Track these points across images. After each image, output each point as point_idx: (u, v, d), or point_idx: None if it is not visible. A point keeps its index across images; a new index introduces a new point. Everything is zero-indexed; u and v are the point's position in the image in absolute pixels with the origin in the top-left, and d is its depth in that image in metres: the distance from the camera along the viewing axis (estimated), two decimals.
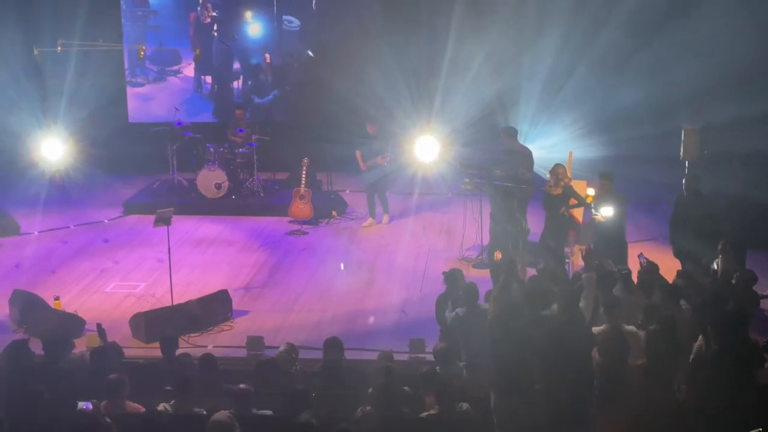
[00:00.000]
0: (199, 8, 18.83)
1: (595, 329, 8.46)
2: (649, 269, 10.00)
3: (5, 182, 17.40)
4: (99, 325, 10.23)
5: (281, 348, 9.63)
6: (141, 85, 19.23)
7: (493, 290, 8.94)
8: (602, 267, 9.91)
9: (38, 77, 17.89)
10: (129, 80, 19.01)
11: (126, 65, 18.98)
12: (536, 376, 7.85)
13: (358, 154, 15.39)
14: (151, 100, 19.17)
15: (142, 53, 15.26)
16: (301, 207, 15.57)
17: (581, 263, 11.99)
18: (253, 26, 19.06)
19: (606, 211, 11.83)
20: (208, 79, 19.20)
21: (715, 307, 8.53)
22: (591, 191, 12.46)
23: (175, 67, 19.19)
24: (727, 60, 15.54)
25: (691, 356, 8.23)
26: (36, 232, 15.38)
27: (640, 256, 10.53)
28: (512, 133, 13.94)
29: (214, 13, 18.92)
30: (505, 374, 7.92)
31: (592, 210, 12.05)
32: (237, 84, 19.20)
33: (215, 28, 18.96)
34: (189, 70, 19.08)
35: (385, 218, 15.67)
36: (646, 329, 8.55)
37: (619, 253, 11.67)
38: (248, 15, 19.02)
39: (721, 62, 15.47)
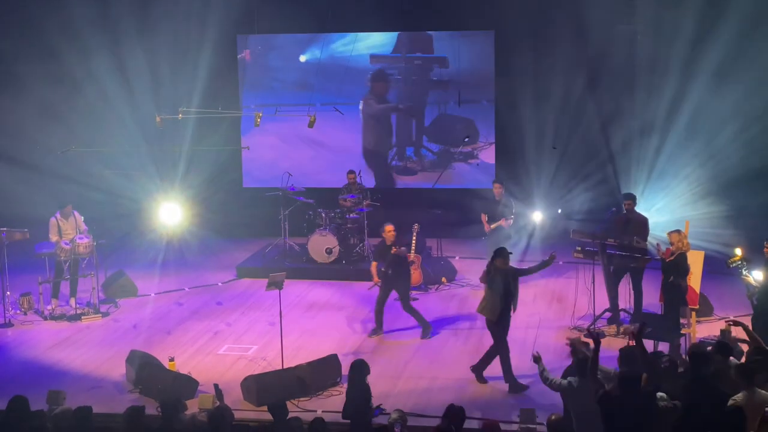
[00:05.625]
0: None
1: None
2: None
3: (125, 245, 17.95)
4: (216, 386, 10.39)
5: (391, 415, 9.57)
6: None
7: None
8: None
9: (158, 143, 18.47)
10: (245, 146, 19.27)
11: (242, 131, 19.40)
12: None
13: (483, 217, 15.34)
14: (266, 165, 19.58)
15: (259, 120, 15.61)
16: (411, 273, 15.54)
17: (698, 335, 11.74)
18: None
19: (757, 275, 11.54)
20: None
21: None
22: (738, 251, 12.07)
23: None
24: None
25: None
26: (153, 294, 15.78)
27: None
28: (634, 199, 13.80)
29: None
30: None
31: (744, 271, 11.75)
32: None
33: None
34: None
35: None
36: None
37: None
38: None
39: None
